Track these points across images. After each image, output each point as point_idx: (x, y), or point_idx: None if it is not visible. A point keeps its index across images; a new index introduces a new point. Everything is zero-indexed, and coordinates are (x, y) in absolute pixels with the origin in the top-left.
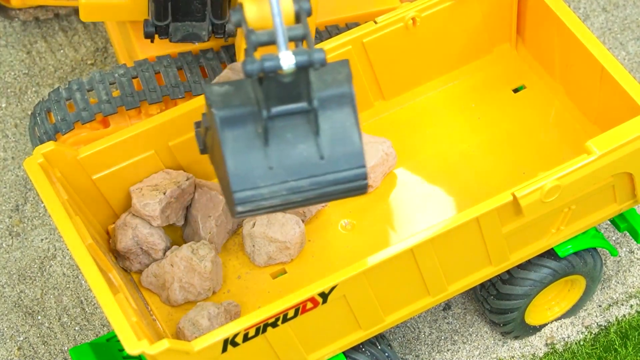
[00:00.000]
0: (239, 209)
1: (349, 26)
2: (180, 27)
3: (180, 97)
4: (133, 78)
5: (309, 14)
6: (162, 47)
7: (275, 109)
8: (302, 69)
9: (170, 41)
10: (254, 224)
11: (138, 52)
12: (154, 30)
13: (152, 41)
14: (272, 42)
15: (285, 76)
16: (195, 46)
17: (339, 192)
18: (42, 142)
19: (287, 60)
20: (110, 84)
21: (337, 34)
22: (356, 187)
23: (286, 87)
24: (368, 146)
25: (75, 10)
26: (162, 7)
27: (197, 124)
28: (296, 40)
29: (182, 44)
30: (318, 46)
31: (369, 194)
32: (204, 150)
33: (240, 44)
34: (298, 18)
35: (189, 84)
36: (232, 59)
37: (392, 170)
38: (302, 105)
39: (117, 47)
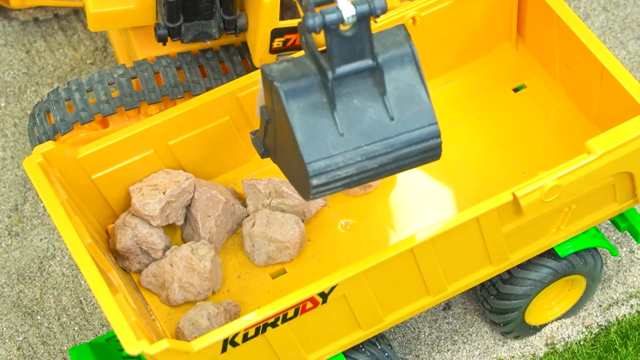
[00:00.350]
0: (314, 182)
1: None
2: (189, 27)
3: (179, 97)
4: (132, 78)
5: None
6: (161, 47)
7: (340, 69)
8: (363, 20)
9: (182, 42)
10: (254, 224)
11: (137, 53)
12: (167, 32)
13: (164, 44)
14: None
15: (346, 31)
16: (195, 46)
17: (414, 155)
18: (41, 142)
19: (348, 10)
20: (109, 84)
21: None
22: (430, 146)
23: (349, 42)
24: None
25: (75, 11)
26: (175, 8)
27: (253, 133)
28: None
29: (184, 44)
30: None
31: (369, 193)
32: (264, 153)
33: (255, 40)
34: None
35: (188, 83)
36: (231, 58)
37: None
38: (367, 62)
39: (116, 47)
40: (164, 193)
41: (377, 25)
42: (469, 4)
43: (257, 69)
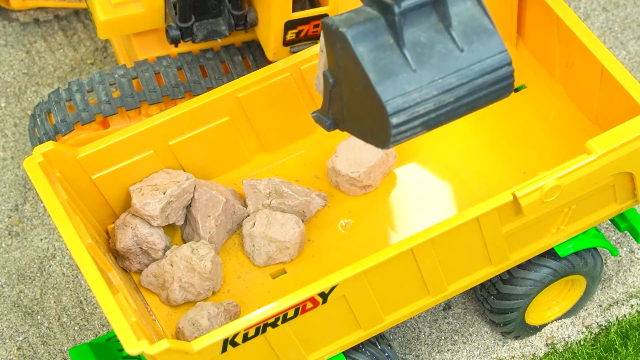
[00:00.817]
0: (394, 120)
1: None
2: (199, 26)
3: (180, 97)
4: (133, 79)
5: None
6: (161, 48)
7: (406, 3)
8: None
9: (194, 42)
10: (254, 224)
11: (138, 53)
12: (180, 33)
13: (176, 46)
14: None
15: None
16: (196, 46)
17: (488, 86)
18: (42, 143)
19: None
20: (110, 84)
21: None
22: (503, 75)
23: None
24: (367, 146)
25: (75, 12)
26: (188, 8)
27: (314, 112)
28: None
29: (185, 44)
30: (317, 46)
31: (369, 193)
32: (330, 125)
33: (267, 34)
34: None
35: (188, 84)
36: (232, 58)
37: (391, 170)
38: None
39: (116, 48)
40: (164, 193)
41: None
42: None
43: (270, 62)
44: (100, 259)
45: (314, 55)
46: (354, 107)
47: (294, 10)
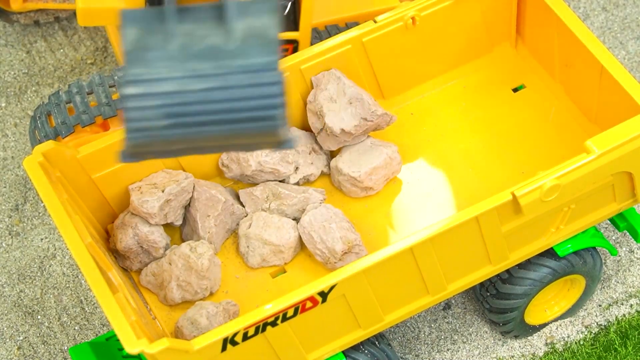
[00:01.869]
0: (127, 90)
1: (348, 26)
2: None
3: None
4: None
5: None
6: None
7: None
8: None
9: None
10: (250, 225)
11: None
12: None
13: None
14: None
15: None
16: None
17: (248, 86)
18: None
19: None
20: (110, 86)
21: (337, 34)
22: (269, 81)
23: None
24: (371, 148)
25: (75, 13)
26: None
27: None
28: None
29: None
30: (317, 46)
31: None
32: None
33: None
34: None
35: None
36: None
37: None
38: None
39: (116, 48)
40: (162, 191)
41: (377, 24)
42: (468, 4)
43: None
44: (100, 259)
45: (314, 55)
46: None
47: None
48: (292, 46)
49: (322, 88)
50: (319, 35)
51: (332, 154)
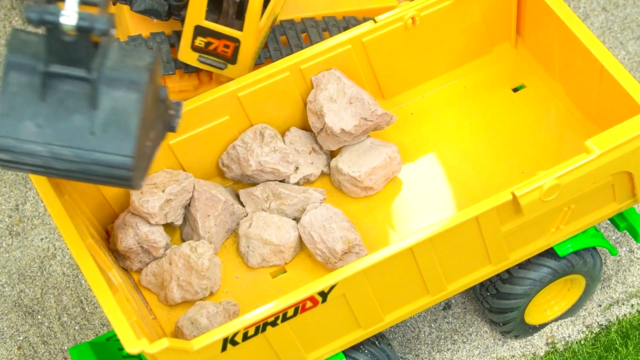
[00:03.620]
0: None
1: (345, 19)
2: None
3: (171, 73)
4: None
5: None
6: (155, 24)
7: (54, 67)
8: (83, 33)
9: (131, 9)
10: (250, 225)
11: (130, 28)
12: None
13: (114, 3)
14: None
15: (66, 35)
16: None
17: (102, 176)
18: None
19: (69, 18)
20: None
21: (333, 26)
22: (119, 175)
23: (67, 47)
24: (371, 148)
25: None
26: None
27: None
28: (93, 5)
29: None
30: (317, 46)
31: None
32: None
33: (182, 33)
34: None
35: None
36: None
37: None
38: (81, 72)
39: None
40: (163, 191)
41: (377, 24)
42: (468, 4)
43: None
44: (100, 258)
45: (314, 55)
46: None
47: (215, 22)
48: (234, 45)
49: (322, 88)
50: (315, 24)
51: (332, 154)
